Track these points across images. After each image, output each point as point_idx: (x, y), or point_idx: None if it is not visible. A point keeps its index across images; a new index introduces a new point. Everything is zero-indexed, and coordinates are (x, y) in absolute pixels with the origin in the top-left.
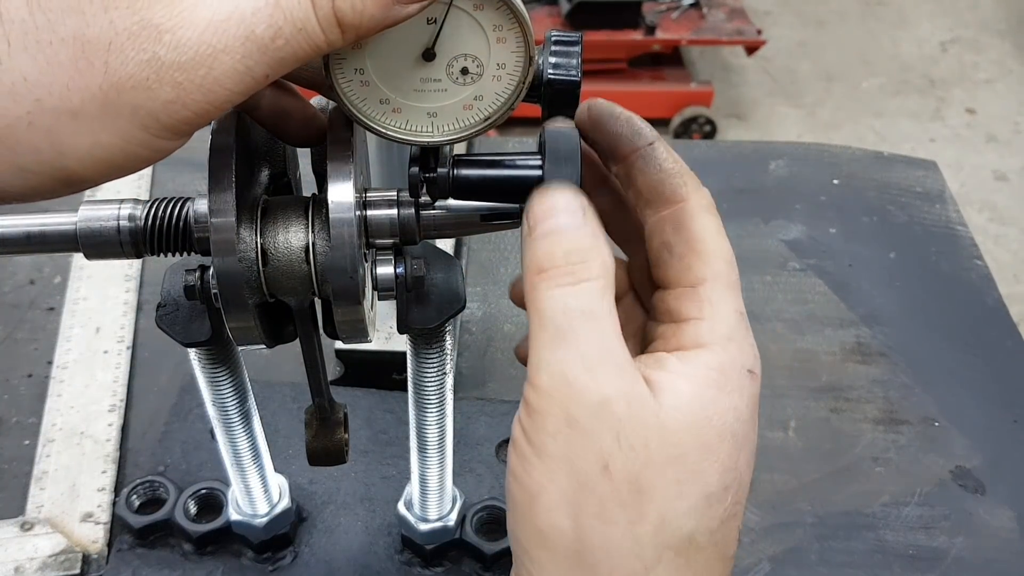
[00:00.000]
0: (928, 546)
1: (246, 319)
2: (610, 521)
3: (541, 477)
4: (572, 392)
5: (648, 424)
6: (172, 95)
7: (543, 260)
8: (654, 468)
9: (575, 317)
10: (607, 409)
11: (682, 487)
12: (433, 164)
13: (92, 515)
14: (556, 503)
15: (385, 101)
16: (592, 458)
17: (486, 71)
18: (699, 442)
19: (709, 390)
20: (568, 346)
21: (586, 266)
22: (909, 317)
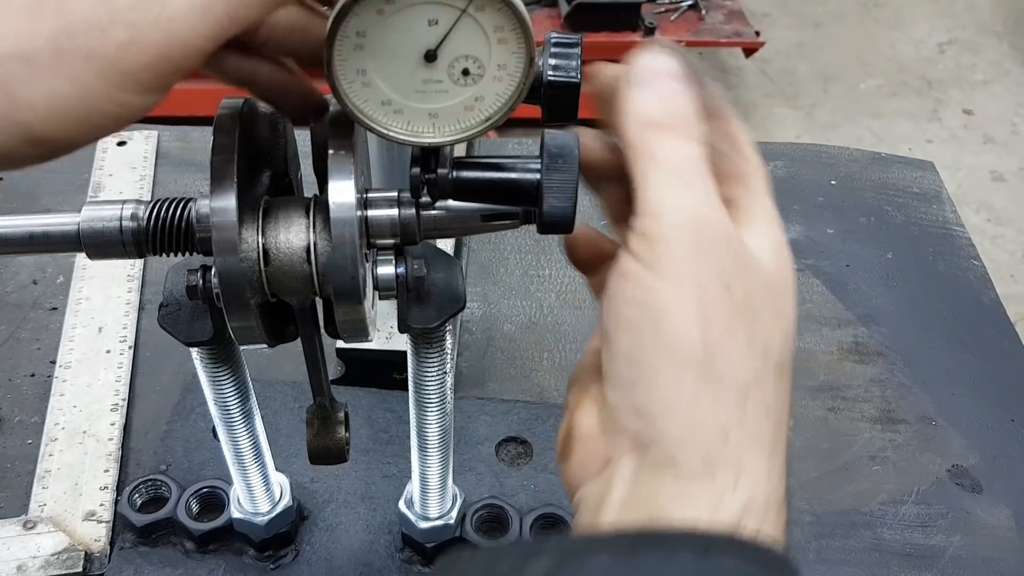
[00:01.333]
0: (925, 544)
1: (248, 319)
2: (734, 334)
3: (668, 296)
4: (704, 223)
5: (751, 260)
6: (126, 36)
7: (662, 115)
8: (760, 295)
9: (697, 166)
10: (731, 241)
11: (777, 316)
12: (434, 165)
13: (94, 514)
14: (686, 317)
15: (387, 102)
16: (717, 276)
17: (487, 72)
18: (782, 287)
19: (776, 248)
20: (696, 188)
21: (694, 128)
22: (906, 317)
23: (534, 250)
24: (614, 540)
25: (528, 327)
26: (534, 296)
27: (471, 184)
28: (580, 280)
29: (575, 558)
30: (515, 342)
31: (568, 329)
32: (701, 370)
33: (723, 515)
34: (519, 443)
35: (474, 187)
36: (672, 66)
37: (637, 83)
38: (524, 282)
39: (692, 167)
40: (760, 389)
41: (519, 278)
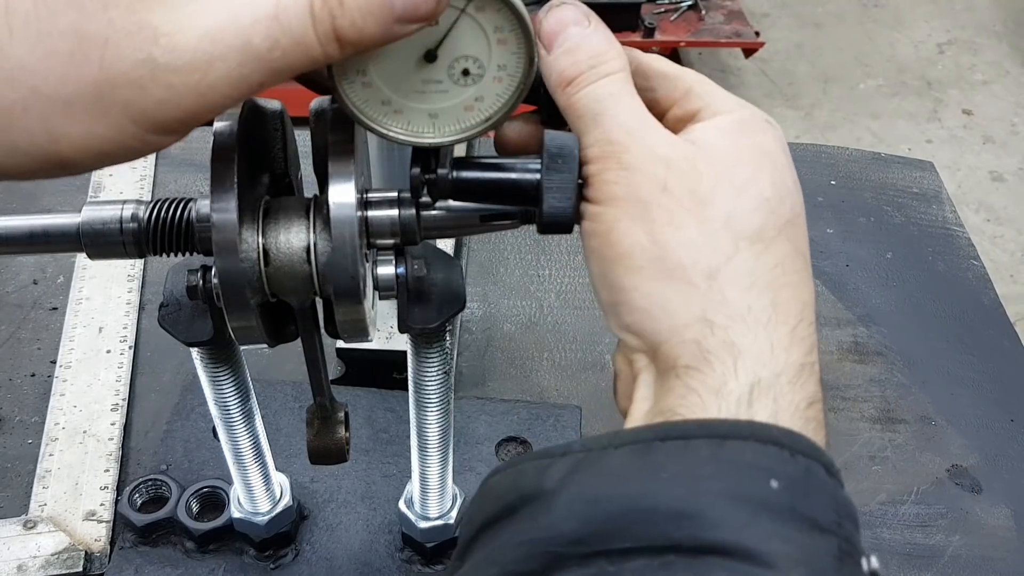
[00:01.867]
0: (925, 544)
1: (248, 319)
2: (680, 225)
3: (610, 216)
4: (619, 147)
5: (691, 155)
6: (165, 95)
7: (569, 71)
8: (708, 182)
9: (606, 100)
10: (653, 151)
11: (740, 191)
12: (434, 165)
13: (95, 513)
14: (629, 227)
15: (387, 102)
16: (651, 183)
17: (487, 72)
18: (741, 158)
19: (735, 130)
20: (607, 120)
21: (607, 64)
22: (906, 317)
23: (534, 250)
24: (633, 434)
25: (528, 327)
26: (534, 296)
27: (471, 184)
28: (580, 280)
29: (596, 456)
30: (515, 342)
31: (568, 329)
32: (659, 267)
33: (730, 401)
34: (519, 443)
35: (474, 187)
36: (570, 14)
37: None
38: (524, 282)
39: (601, 100)
40: (733, 265)
41: (519, 278)
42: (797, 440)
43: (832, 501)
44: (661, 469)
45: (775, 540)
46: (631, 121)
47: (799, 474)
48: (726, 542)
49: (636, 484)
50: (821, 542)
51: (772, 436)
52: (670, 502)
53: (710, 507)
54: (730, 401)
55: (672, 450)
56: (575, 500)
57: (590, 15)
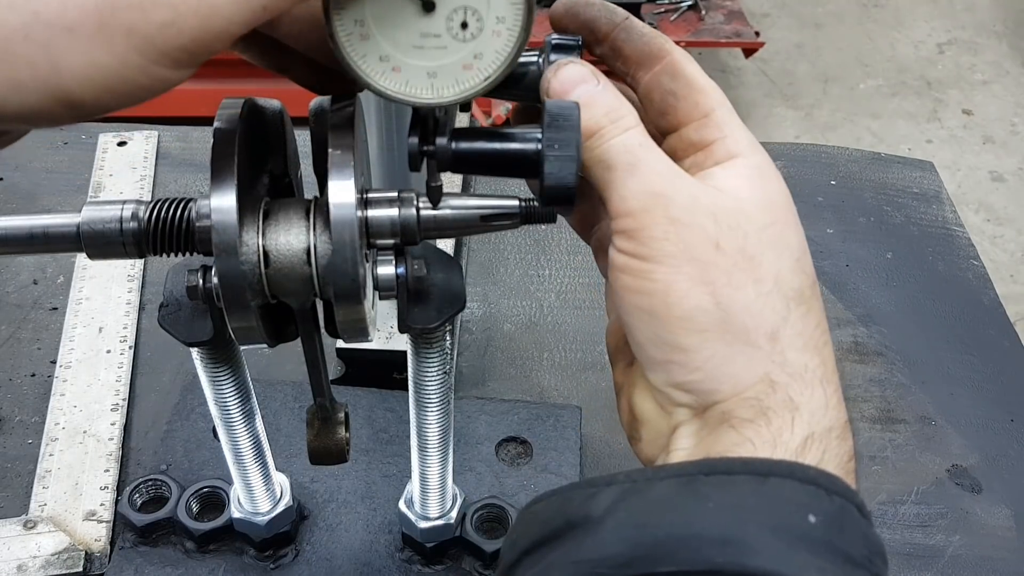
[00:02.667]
0: (925, 544)
1: (248, 319)
2: (739, 286)
3: (666, 276)
4: (664, 199)
5: (731, 208)
6: (167, 18)
7: (589, 125)
8: (752, 240)
9: (637, 150)
10: (698, 202)
11: (778, 251)
12: (433, 136)
13: (95, 513)
14: (690, 288)
15: (385, 58)
16: (703, 240)
17: (485, 26)
18: (773, 216)
19: (758, 180)
20: (643, 170)
21: (625, 118)
22: (906, 317)
23: (534, 250)
24: (678, 468)
25: (528, 327)
26: (534, 296)
27: (471, 155)
28: (580, 280)
29: (642, 485)
30: (515, 342)
31: (568, 329)
32: (723, 330)
33: (782, 451)
34: (519, 443)
35: (474, 157)
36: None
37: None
38: (524, 282)
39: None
40: (789, 326)
41: (519, 278)
42: (833, 481)
43: (864, 538)
44: (706, 499)
45: (812, 570)
46: (668, 172)
47: (834, 511)
48: (767, 569)
49: (682, 512)
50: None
51: (810, 476)
52: (714, 530)
53: (753, 536)
54: (782, 451)
55: (716, 483)
56: (622, 525)
57: (597, 74)
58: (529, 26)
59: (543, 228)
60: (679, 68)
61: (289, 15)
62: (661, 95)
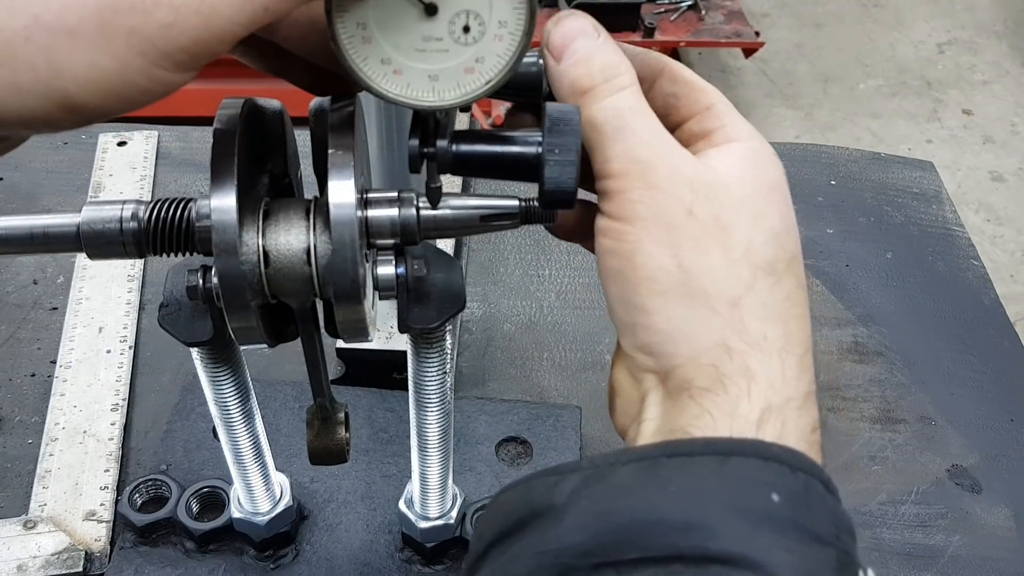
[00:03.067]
0: (925, 544)
1: (248, 319)
2: (705, 251)
3: (635, 236)
4: (645, 166)
5: (712, 180)
6: (168, 19)
7: (583, 81)
8: (729, 210)
9: (627, 115)
10: (678, 172)
11: (755, 222)
12: (433, 138)
13: (95, 513)
14: (655, 249)
15: (386, 61)
16: (677, 206)
17: (488, 30)
18: (756, 191)
19: (750, 161)
20: (629, 135)
21: (621, 77)
22: (906, 317)
23: (534, 250)
24: (640, 452)
25: (528, 327)
26: (534, 296)
27: (472, 157)
28: (580, 280)
29: (605, 471)
30: (515, 342)
31: (568, 329)
32: (683, 292)
33: (741, 423)
34: (519, 443)
35: (475, 160)
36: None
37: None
38: (524, 282)
39: (622, 115)
40: (752, 295)
41: (519, 278)
42: (797, 457)
43: (831, 515)
44: (667, 483)
45: (777, 551)
46: (654, 139)
47: (799, 489)
48: (731, 552)
49: (644, 497)
50: (821, 553)
51: (773, 453)
52: (676, 514)
53: (715, 519)
54: (741, 422)
55: (678, 465)
56: (584, 513)
57: (599, 28)
58: (531, 30)
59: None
60: (677, 72)
61: (288, 19)
62: (663, 99)
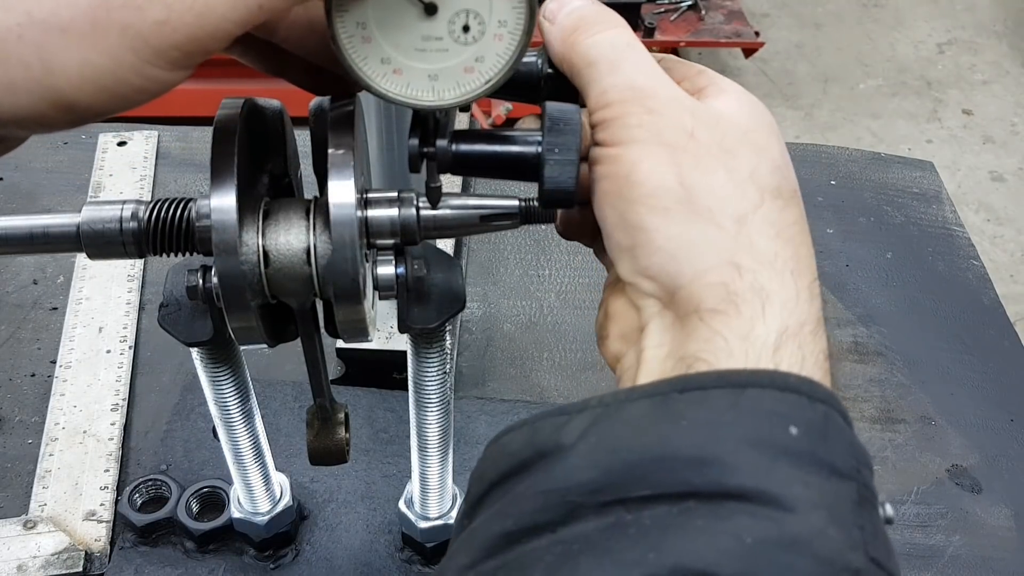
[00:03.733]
0: (925, 544)
1: (248, 319)
2: (709, 170)
3: (632, 154)
4: (644, 92)
5: (713, 112)
6: (162, 16)
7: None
8: (732, 138)
9: (623, 48)
10: (679, 99)
11: (758, 152)
12: (433, 137)
13: (95, 513)
14: (655, 166)
15: (386, 60)
16: (678, 129)
17: (487, 29)
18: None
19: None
20: (627, 66)
21: (612, 18)
22: (906, 317)
23: (534, 250)
24: (651, 388)
25: (528, 327)
26: (534, 296)
27: (471, 157)
28: (580, 280)
29: (614, 409)
30: (515, 342)
31: (568, 329)
32: (686, 208)
33: (757, 348)
34: None
35: (474, 160)
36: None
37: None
38: (524, 282)
39: (618, 48)
40: (760, 214)
41: (519, 278)
42: (815, 388)
43: (850, 447)
44: (680, 418)
45: (796, 485)
46: (653, 69)
47: (818, 420)
48: (746, 487)
49: (655, 433)
50: (841, 487)
51: (790, 384)
52: (690, 449)
53: (730, 453)
54: (757, 347)
55: (691, 400)
56: (594, 451)
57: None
58: (531, 30)
59: (543, 228)
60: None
61: (287, 19)
62: None
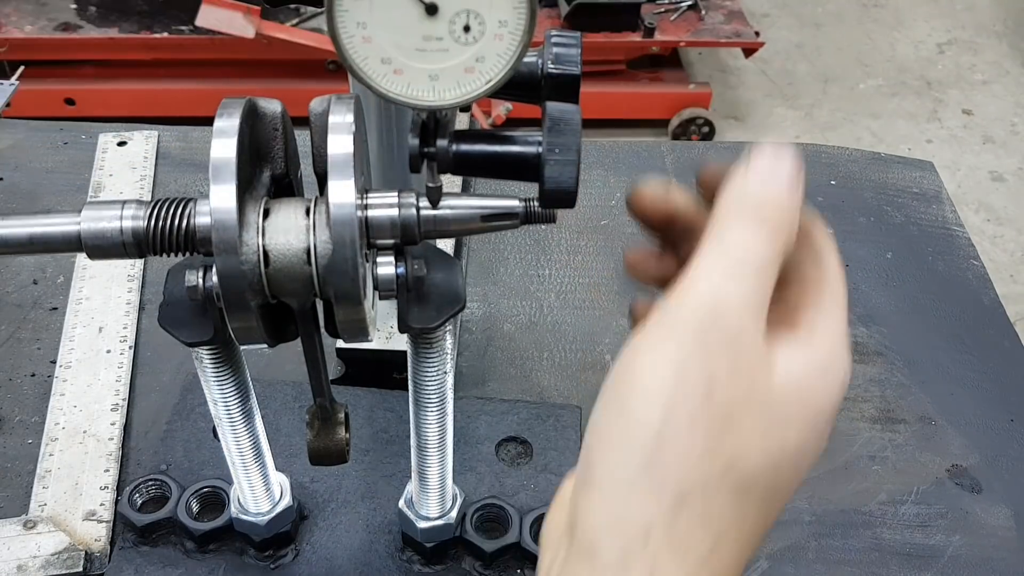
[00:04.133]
0: (925, 544)
1: (248, 319)
2: (693, 434)
3: (646, 366)
4: (722, 322)
5: (760, 374)
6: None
7: (751, 197)
8: (747, 412)
9: (756, 266)
10: (741, 348)
11: (762, 440)
12: (433, 138)
13: (95, 513)
14: (652, 398)
15: (387, 60)
16: (702, 374)
17: (488, 29)
18: (789, 412)
19: (813, 373)
20: (736, 282)
21: (784, 224)
22: (906, 317)
23: (534, 250)
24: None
25: (528, 327)
26: (534, 296)
27: (472, 157)
28: (580, 280)
29: None
30: (515, 342)
31: (568, 329)
32: (645, 456)
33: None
34: (519, 443)
35: (475, 160)
36: (787, 160)
37: (746, 167)
38: (524, 282)
39: (750, 264)
40: (704, 500)
41: (519, 278)
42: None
43: None
44: None
45: None
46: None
47: None
48: None
49: None
50: None
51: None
52: None
53: None
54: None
55: None
56: None
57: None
58: (531, 29)
59: (543, 228)
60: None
61: None
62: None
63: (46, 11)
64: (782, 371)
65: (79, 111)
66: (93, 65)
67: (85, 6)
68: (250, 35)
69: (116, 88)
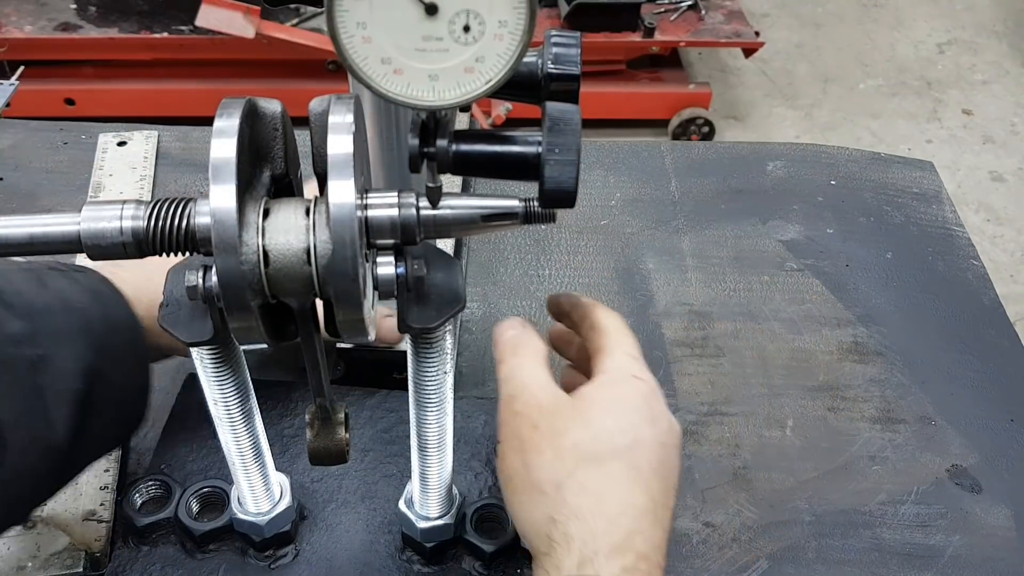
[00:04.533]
0: (925, 544)
1: (248, 319)
2: (541, 452)
3: (503, 450)
4: (514, 403)
5: (563, 404)
6: None
7: (506, 348)
8: (565, 420)
9: (516, 368)
10: (534, 404)
11: (586, 426)
12: (433, 138)
13: (95, 514)
14: (510, 456)
15: (387, 60)
16: (526, 427)
17: (488, 29)
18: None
19: (604, 384)
20: (511, 383)
21: (525, 347)
22: (906, 317)
23: (534, 250)
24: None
25: None
26: (534, 296)
27: (472, 157)
28: (580, 280)
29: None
30: None
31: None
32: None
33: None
34: None
35: (475, 160)
36: (513, 322)
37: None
38: (524, 282)
39: (515, 368)
40: (575, 480)
41: (519, 278)
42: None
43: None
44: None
45: None
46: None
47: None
48: None
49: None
50: None
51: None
52: None
53: None
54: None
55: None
56: None
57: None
58: (531, 29)
59: (543, 228)
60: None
61: None
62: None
63: (46, 11)
64: (584, 391)
65: (79, 111)
66: (93, 65)
67: (85, 6)
68: (250, 35)
69: (116, 88)
